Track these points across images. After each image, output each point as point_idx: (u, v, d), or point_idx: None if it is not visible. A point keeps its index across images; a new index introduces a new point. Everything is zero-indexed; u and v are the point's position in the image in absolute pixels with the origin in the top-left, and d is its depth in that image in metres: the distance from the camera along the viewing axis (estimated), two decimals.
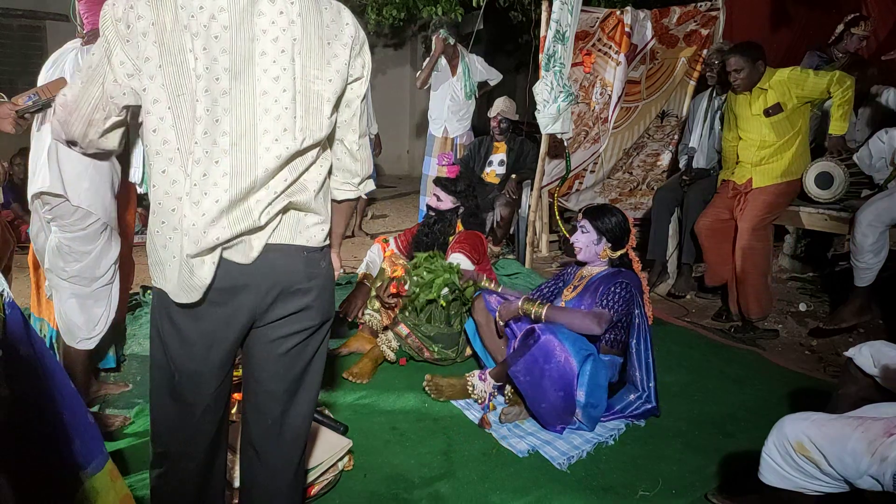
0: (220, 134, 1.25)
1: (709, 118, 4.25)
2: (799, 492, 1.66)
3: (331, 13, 1.35)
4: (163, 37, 1.21)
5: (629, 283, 2.57)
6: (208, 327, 1.34)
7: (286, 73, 1.28)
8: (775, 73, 3.49)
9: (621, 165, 5.01)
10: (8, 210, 5.31)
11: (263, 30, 1.26)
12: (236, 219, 1.27)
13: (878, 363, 1.83)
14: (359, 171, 1.50)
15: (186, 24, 1.21)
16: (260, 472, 1.51)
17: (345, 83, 1.37)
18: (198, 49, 1.21)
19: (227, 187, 1.26)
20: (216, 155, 1.25)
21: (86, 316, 2.29)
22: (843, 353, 2.06)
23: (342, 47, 1.35)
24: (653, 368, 2.61)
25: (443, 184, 3.30)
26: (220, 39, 1.23)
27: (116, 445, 2.35)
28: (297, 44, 1.29)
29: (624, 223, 2.68)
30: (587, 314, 2.49)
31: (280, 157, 1.29)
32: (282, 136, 1.29)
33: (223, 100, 1.24)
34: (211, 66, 1.22)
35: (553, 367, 2.37)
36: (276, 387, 1.45)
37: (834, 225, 3.57)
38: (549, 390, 2.38)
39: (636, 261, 2.75)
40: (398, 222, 6.49)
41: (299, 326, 1.41)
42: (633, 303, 2.57)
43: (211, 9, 1.22)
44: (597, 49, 4.43)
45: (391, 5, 7.04)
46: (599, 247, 2.66)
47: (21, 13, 7.27)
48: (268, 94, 1.27)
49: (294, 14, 1.28)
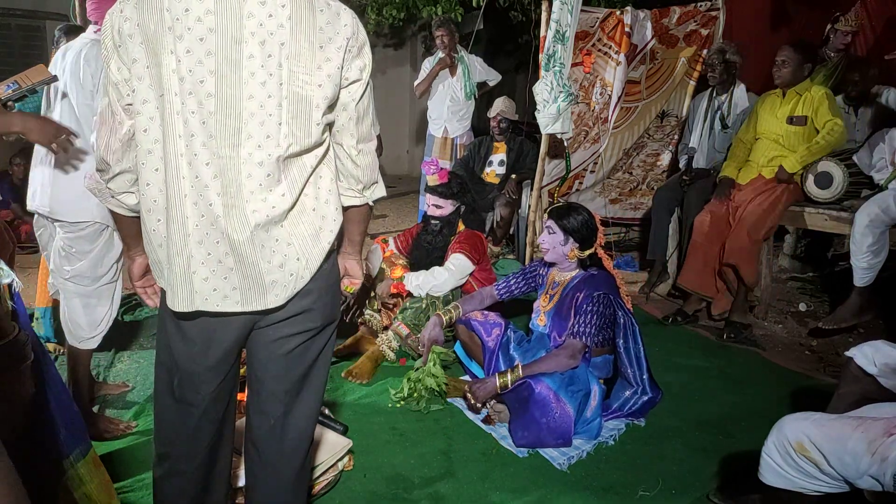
0: (207, 136, 1.24)
1: (709, 118, 4.25)
2: (799, 492, 1.66)
3: (327, 15, 1.31)
4: (147, 37, 1.22)
5: (602, 293, 2.54)
6: (207, 326, 1.35)
7: (272, 77, 1.26)
8: (813, 88, 3.55)
9: (621, 165, 5.01)
10: (8, 210, 5.31)
11: (252, 32, 1.24)
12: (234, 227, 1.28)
13: (878, 363, 1.83)
14: (361, 176, 1.46)
15: (171, 25, 1.21)
16: (262, 473, 1.51)
17: (338, 87, 1.34)
18: (181, 51, 1.21)
19: (219, 191, 1.26)
20: (206, 157, 1.25)
21: (89, 316, 2.31)
22: (843, 353, 2.06)
23: (336, 50, 1.31)
24: (644, 361, 2.59)
25: (438, 191, 3.28)
26: (205, 42, 1.22)
27: (116, 445, 2.35)
28: (285, 48, 1.26)
29: (590, 221, 2.64)
30: (559, 355, 2.48)
31: (262, 163, 1.27)
32: (265, 142, 1.27)
33: (208, 102, 1.24)
34: (195, 68, 1.22)
35: (551, 418, 2.37)
36: (277, 387, 1.45)
37: (834, 225, 3.57)
38: (549, 439, 2.39)
39: (606, 258, 2.72)
40: (398, 222, 6.49)
41: (301, 328, 1.41)
42: (610, 307, 2.55)
43: (197, 11, 1.22)
44: (597, 49, 4.43)
45: (391, 5, 7.04)
46: (567, 247, 2.63)
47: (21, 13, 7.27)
48: (254, 99, 1.26)
49: (283, 17, 1.26)
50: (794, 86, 3.58)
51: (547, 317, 2.72)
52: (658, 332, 3.56)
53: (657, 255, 4.25)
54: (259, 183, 1.28)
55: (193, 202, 1.26)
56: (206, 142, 1.24)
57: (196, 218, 1.27)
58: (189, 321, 1.35)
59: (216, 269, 1.29)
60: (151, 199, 1.29)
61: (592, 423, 2.46)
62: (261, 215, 1.29)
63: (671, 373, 3.05)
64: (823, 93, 3.52)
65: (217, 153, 1.25)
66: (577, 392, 2.43)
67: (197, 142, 1.24)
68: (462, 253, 3.16)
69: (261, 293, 1.32)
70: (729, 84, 4.13)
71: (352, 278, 1.64)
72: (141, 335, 3.37)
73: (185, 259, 1.28)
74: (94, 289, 2.29)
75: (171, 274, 1.30)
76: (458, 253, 3.17)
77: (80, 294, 2.28)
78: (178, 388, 1.40)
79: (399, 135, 9.35)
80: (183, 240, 1.27)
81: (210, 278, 1.29)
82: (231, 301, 1.31)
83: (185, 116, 1.23)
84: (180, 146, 1.24)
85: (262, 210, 1.29)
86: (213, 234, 1.28)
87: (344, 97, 1.37)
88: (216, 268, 1.29)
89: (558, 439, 2.38)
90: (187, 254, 1.28)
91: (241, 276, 1.30)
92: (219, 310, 1.31)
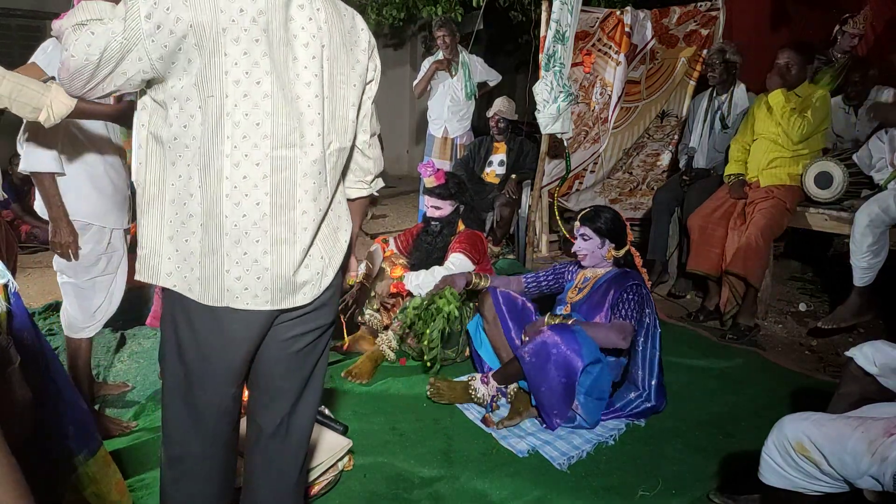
0: (260, 137, 1.25)
1: (709, 118, 4.25)
2: (799, 492, 1.66)
3: (349, 20, 1.39)
4: (202, 39, 1.19)
5: (639, 283, 2.58)
6: (232, 327, 1.32)
7: (317, 78, 1.31)
8: (811, 89, 3.57)
9: (621, 165, 5.01)
10: (8, 210, 5.31)
11: (295, 35, 1.28)
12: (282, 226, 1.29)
13: (878, 363, 1.83)
14: (371, 168, 1.55)
15: (226, 27, 1.20)
16: (265, 473, 1.51)
17: (364, 87, 1.43)
18: (237, 53, 1.21)
19: (267, 191, 1.26)
20: (257, 158, 1.25)
21: (81, 306, 2.36)
22: (843, 353, 2.06)
23: (362, 53, 1.40)
24: (657, 367, 2.61)
25: (436, 192, 3.28)
26: (260, 43, 1.23)
27: (116, 445, 2.35)
28: (326, 49, 1.32)
29: (618, 218, 2.69)
30: (612, 328, 2.51)
31: (316, 161, 1.32)
32: (316, 140, 1.32)
33: (264, 103, 1.24)
34: (252, 69, 1.22)
35: (560, 353, 2.38)
36: (285, 385, 1.45)
37: (834, 225, 3.57)
38: (552, 373, 2.39)
39: (637, 256, 2.76)
40: (398, 222, 6.49)
41: (313, 325, 1.42)
42: (645, 303, 2.59)
43: (251, 12, 1.22)
44: (597, 49, 4.43)
45: (391, 5, 7.04)
46: (604, 249, 2.67)
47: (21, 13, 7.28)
48: (301, 99, 1.29)
49: (321, 20, 1.31)
50: (796, 86, 3.58)
51: (573, 307, 2.73)
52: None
53: (657, 255, 4.26)
54: (313, 181, 1.32)
55: (235, 202, 1.25)
56: (258, 143, 1.25)
57: (236, 218, 1.26)
58: (212, 322, 1.32)
59: (250, 269, 1.28)
60: (177, 191, 1.26)
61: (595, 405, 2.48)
62: (309, 216, 1.33)
63: (671, 373, 3.05)
64: (821, 94, 3.52)
65: (270, 154, 1.26)
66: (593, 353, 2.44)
67: (249, 143, 1.24)
68: (462, 252, 3.17)
69: (290, 292, 1.34)
70: (729, 84, 4.14)
71: (348, 271, 1.65)
72: (141, 335, 3.37)
73: (220, 257, 1.27)
74: (86, 280, 2.34)
75: (202, 269, 1.28)
76: (458, 252, 3.17)
77: (71, 285, 2.35)
78: (195, 390, 1.38)
79: (399, 135, 9.36)
80: (219, 239, 1.26)
81: (243, 277, 1.28)
82: (261, 300, 1.31)
83: (235, 118, 1.22)
84: (226, 147, 1.23)
85: (311, 210, 1.33)
86: (253, 233, 1.27)
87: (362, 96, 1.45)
88: (251, 267, 1.28)
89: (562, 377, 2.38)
90: (223, 252, 1.27)
91: (274, 276, 1.30)
92: (248, 308, 1.30)
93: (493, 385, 2.64)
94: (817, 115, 3.49)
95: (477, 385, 2.67)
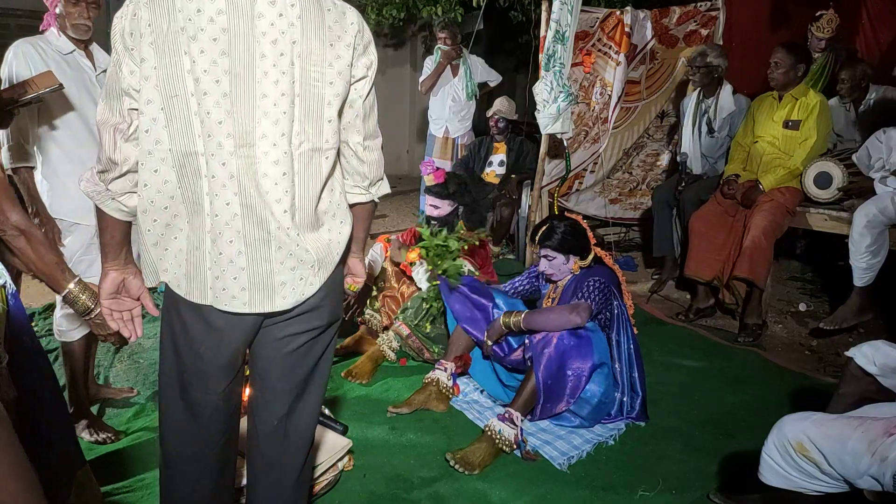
0: (224, 136, 1.25)
1: (697, 122, 4.21)
2: (799, 492, 1.66)
3: (334, 14, 1.33)
4: (158, 38, 1.21)
5: (601, 278, 2.56)
6: (217, 325, 1.34)
7: (285, 76, 1.27)
8: (809, 92, 3.58)
9: (621, 165, 5.01)
10: None
11: (263, 32, 1.25)
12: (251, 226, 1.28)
13: (878, 363, 1.83)
14: (367, 173, 1.48)
15: (183, 26, 1.20)
16: (266, 473, 1.51)
17: (348, 85, 1.36)
18: (195, 52, 1.21)
19: (236, 191, 1.26)
20: (222, 157, 1.25)
21: (65, 310, 2.35)
22: (843, 353, 2.06)
23: (345, 48, 1.33)
24: (635, 358, 2.60)
25: (435, 191, 3.28)
26: (218, 42, 1.22)
27: (116, 445, 2.35)
28: (297, 46, 1.28)
29: (577, 227, 2.64)
30: (563, 308, 2.49)
31: (278, 161, 1.28)
32: (279, 140, 1.28)
33: (224, 102, 1.24)
34: (210, 68, 1.22)
35: (574, 346, 2.40)
36: (282, 385, 1.45)
37: (834, 225, 3.57)
38: (563, 363, 2.40)
39: (606, 256, 2.74)
40: (398, 222, 6.48)
41: (307, 326, 1.41)
42: (609, 294, 2.57)
43: (209, 11, 1.21)
44: (597, 49, 4.43)
45: (391, 5, 7.03)
46: (570, 263, 2.65)
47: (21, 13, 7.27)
48: (267, 98, 1.26)
49: (294, 16, 1.27)
50: (789, 88, 3.58)
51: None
52: (658, 332, 3.56)
53: (666, 249, 4.23)
54: (275, 182, 1.29)
55: (210, 202, 1.27)
56: (222, 142, 1.25)
57: (212, 217, 1.27)
58: (200, 319, 1.34)
59: (226, 269, 1.29)
60: (148, 200, 1.28)
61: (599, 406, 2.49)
62: (277, 215, 1.30)
63: (671, 373, 3.05)
64: (818, 101, 3.53)
65: (234, 153, 1.25)
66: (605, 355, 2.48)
67: (213, 142, 1.24)
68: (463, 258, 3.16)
69: (269, 295, 1.32)
70: (714, 87, 4.09)
71: (354, 277, 1.63)
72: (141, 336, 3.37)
73: (202, 254, 1.29)
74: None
75: (188, 266, 1.30)
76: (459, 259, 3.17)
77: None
78: (188, 387, 1.39)
79: (399, 135, 9.34)
80: (203, 236, 1.28)
81: (220, 277, 1.29)
82: (239, 302, 1.31)
83: (201, 117, 1.23)
84: (199, 146, 1.24)
85: (278, 210, 1.30)
86: (226, 234, 1.28)
87: (351, 94, 1.39)
88: (227, 267, 1.29)
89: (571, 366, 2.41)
90: (204, 249, 1.29)
91: (251, 275, 1.30)
92: (226, 309, 1.31)
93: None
94: (821, 131, 3.52)
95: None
